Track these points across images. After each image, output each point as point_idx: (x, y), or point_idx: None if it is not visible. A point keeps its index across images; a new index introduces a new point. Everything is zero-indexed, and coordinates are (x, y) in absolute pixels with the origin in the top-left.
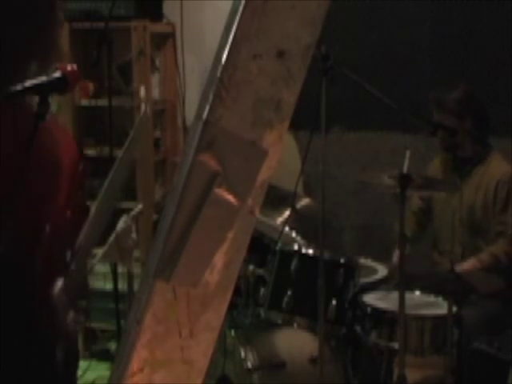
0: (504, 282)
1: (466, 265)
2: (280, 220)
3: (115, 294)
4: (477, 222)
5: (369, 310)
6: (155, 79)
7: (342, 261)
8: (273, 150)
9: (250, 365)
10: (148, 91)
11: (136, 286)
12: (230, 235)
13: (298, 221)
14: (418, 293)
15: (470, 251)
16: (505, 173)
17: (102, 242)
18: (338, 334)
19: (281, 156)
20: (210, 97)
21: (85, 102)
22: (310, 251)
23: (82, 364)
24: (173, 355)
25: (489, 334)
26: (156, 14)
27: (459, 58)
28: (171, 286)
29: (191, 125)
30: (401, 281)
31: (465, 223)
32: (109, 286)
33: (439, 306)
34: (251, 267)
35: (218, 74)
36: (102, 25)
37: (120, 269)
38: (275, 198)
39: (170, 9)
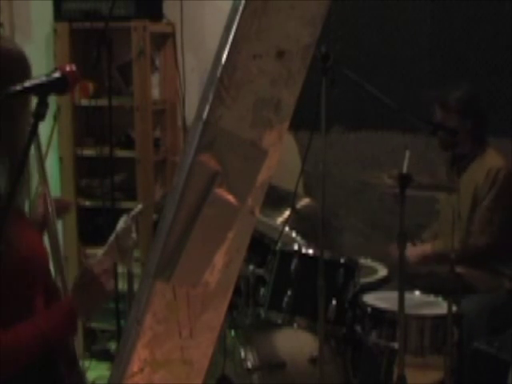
0: (506, 281)
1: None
2: (280, 220)
3: (115, 294)
4: (468, 217)
5: (369, 310)
6: (155, 79)
7: (342, 261)
8: (273, 150)
9: (249, 365)
10: (148, 91)
11: (136, 286)
12: (230, 235)
13: (298, 221)
14: (417, 293)
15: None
16: (496, 164)
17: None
18: (338, 334)
19: (281, 156)
20: (210, 97)
21: (85, 102)
22: (310, 251)
23: (82, 364)
24: (173, 355)
25: (489, 333)
26: (156, 14)
27: (459, 58)
28: (171, 286)
29: (191, 125)
30: (401, 281)
31: (462, 220)
32: None
33: (439, 306)
34: (251, 267)
35: (218, 74)
36: (102, 25)
37: (120, 269)
38: (275, 198)
39: (170, 9)
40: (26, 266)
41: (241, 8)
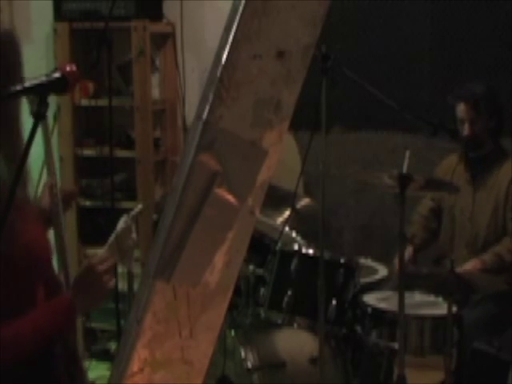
0: (505, 283)
1: (468, 266)
2: (280, 220)
3: (115, 294)
4: (486, 224)
5: (369, 310)
6: (155, 79)
7: (342, 261)
8: (273, 150)
9: (249, 365)
10: (148, 91)
11: (136, 286)
12: (230, 235)
13: (298, 221)
14: (417, 293)
15: (476, 253)
16: None
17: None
18: (338, 334)
19: (281, 156)
20: (210, 97)
21: (85, 102)
22: (310, 251)
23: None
24: (173, 355)
25: (489, 334)
26: (156, 13)
27: (459, 58)
28: (171, 286)
29: (191, 125)
30: (401, 281)
31: (474, 224)
32: None
33: (439, 306)
34: (251, 267)
35: (218, 74)
36: (101, 25)
37: (120, 269)
38: (275, 198)
39: (170, 9)
40: (26, 255)
41: (241, 8)
